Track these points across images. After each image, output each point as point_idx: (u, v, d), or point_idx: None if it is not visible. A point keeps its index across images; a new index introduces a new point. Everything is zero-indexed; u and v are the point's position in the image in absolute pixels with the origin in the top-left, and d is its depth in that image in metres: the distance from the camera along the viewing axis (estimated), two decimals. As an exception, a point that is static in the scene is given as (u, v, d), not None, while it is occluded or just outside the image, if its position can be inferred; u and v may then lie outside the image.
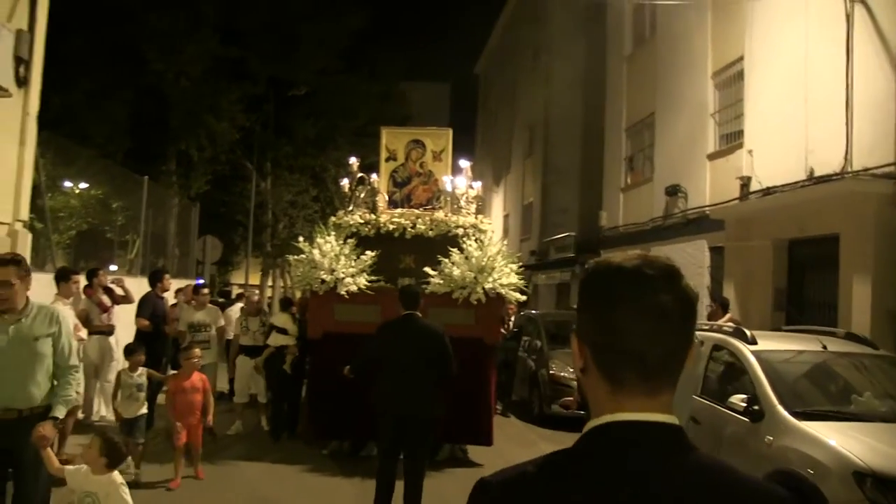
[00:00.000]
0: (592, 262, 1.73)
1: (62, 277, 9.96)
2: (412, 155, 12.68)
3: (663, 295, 1.55)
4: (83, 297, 11.19)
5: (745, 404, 7.11)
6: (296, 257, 11.52)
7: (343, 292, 10.83)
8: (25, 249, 9.54)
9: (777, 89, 14.94)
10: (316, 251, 11.11)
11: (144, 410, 9.19)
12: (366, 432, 10.15)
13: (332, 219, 12.17)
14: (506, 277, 10.89)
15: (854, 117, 12.50)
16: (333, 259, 11.00)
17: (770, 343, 8.10)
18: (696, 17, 18.56)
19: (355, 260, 11.10)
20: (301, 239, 11.87)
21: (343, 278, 10.86)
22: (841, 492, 5.72)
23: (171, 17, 26.17)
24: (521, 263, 11.72)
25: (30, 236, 9.87)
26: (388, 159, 12.72)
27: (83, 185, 22.21)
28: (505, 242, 12.48)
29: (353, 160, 12.55)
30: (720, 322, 11.25)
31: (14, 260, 5.63)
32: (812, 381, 7.71)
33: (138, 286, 13.03)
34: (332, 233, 11.59)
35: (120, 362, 10.95)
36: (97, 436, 5.55)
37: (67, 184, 21.60)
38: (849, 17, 12.65)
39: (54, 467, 5.40)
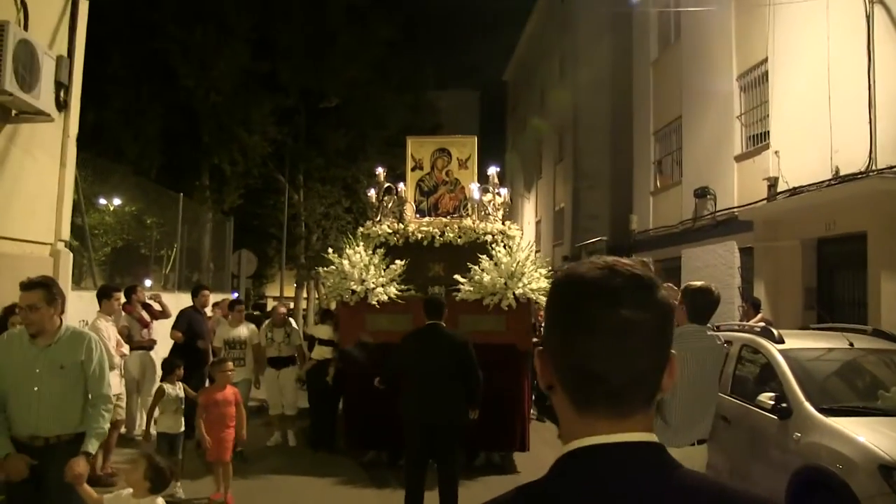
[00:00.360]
0: (558, 270, 1.58)
1: (104, 295, 10.08)
2: (438, 163, 12.73)
3: (628, 310, 1.42)
4: (122, 313, 11.29)
5: (773, 402, 7.23)
6: (326, 269, 11.60)
7: (374, 302, 10.89)
8: (67, 268, 9.84)
9: (801, 90, 15.07)
10: (346, 262, 11.18)
11: (182, 427, 9.08)
12: (403, 442, 10.06)
13: (361, 229, 12.25)
14: (536, 282, 10.88)
15: (877, 116, 12.63)
16: (363, 269, 11.05)
17: (797, 342, 8.21)
18: (720, 20, 18.69)
19: (385, 270, 11.15)
20: (330, 250, 12.00)
21: (373, 288, 10.91)
22: (868, 485, 5.84)
23: (201, 32, 26.38)
24: (550, 268, 11.73)
25: (71, 256, 10.11)
26: (414, 168, 12.79)
27: (117, 202, 22.39)
28: (534, 247, 12.35)
29: (380, 170, 12.62)
30: (752, 322, 11.40)
31: (42, 283, 5.51)
32: (839, 378, 7.83)
33: (175, 301, 13.32)
34: (361, 243, 11.64)
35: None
36: (143, 458, 5.45)
37: (102, 201, 21.88)
38: (868, 18, 12.79)
39: (93, 500, 5.28)
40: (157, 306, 12.62)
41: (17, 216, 8.65)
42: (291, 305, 38.01)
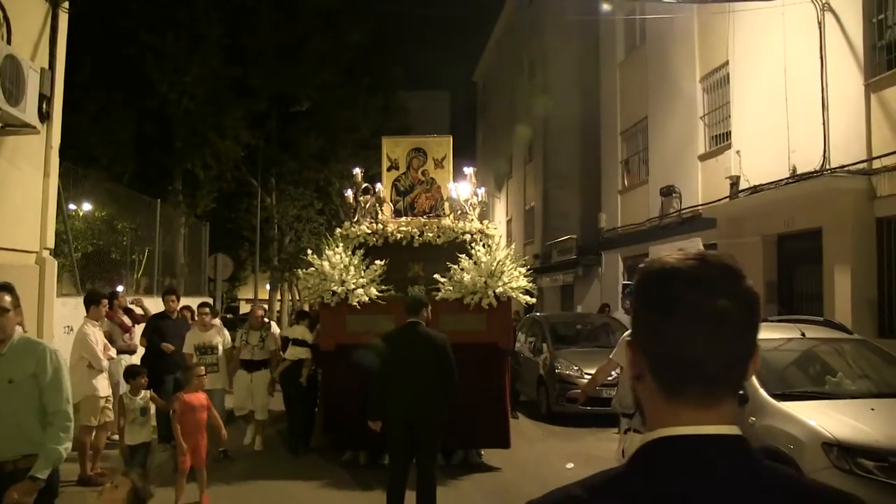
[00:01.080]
0: (645, 263, 1.63)
1: (91, 301, 10.25)
2: (413, 163, 12.67)
3: (723, 299, 1.45)
4: (105, 319, 11.17)
5: (730, 390, 7.69)
6: (305, 271, 11.52)
7: (355, 303, 10.83)
8: (52, 276, 10.10)
9: (760, 92, 15.68)
10: (325, 263, 11.11)
11: (149, 437, 8.80)
12: (383, 442, 9.45)
13: (339, 230, 12.08)
14: (515, 281, 10.91)
15: (830, 118, 13.29)
16: (343, 270, 11.00)
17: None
18: (683, 24, 19.25)
19: (364, 270, 11.10)
20: (310, 252, 11.98)
21: (354, 289, 10.86)
22: (814, 461, 6.33)
23: (173, 38, 26.50)
24: (528, 266, 11.87)
25: (56, 263, 10.37)
26: (389, 168, 12.72)
27: (87, 207, 22.31)
28: (512, 246, 12.52)
29: (358, 171, 12.51)
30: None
31: (7, 287, 5.07)
32: (791, 366, 8.30)
33: (153, 306, 13.52)
34: (341, 244, 11.57)
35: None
36: (127, 479, 4.88)
37: (72, 206, 21.91)
38: (820, 25, 13.43)
39: None
40: (139, 310, 12.58)
41: (2, 226, 8.88)
42: (266, 307, 38.35)
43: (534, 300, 12.33)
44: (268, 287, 39.20)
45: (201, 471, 8.63)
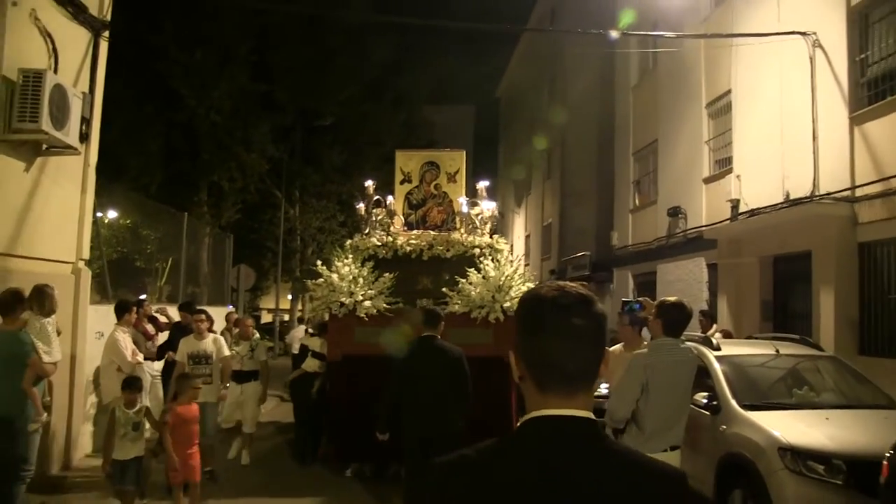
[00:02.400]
0: (526, 293, 2.07)
1: (123, 309, 10.76)
2: (426, 177, 12.72)
3: (577, 319, 1.87)
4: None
5: (706, 400, 8.39)
6: (315, 281, 11.45)
7: (362, 315, 10.84)
8: (87, 285, 10.92)
9: (758, 120, 16.42)
10: (334, 275, 11.11)
11: (140, 452, 8.19)
12: (389, 453, 9.74)
13: (349, 242, 12.14)
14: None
15: (819, 148, 14.02)
16: (352, 282, 11.01)
17: (731, 349, 9.41)
18: (691, 51, 19.88)
19: (373, 282, 11.12)
20: (319, 262, 11.98)
21: (362, 301, 10.87)
22: (771, 464, 7.02)
23: (202, 55, 27.22)
24: (538, 282, 11.40)
25: (90, 273, 11.16)
26: (402, 181, 12.77)
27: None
28: (521, 260, 12.67)
29: (369, 183, 12.49)
30: (709, 333, 12.58)
31: None
32: (762, 379, 8.97)
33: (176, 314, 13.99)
34: (350, 255, 11.58)
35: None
36: None
37: (97, 214, 22.39)
38: (811, 60, 14.16)
39: None
40: (163, 319, 12.95)
41: (44, 238, 9.70)
42: (286, 317, 39.08)
43: None
44: (290, 297, 39.86)
45: (195, 485, 8.39)
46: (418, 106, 41.79)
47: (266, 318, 50.48)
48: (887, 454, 5.87)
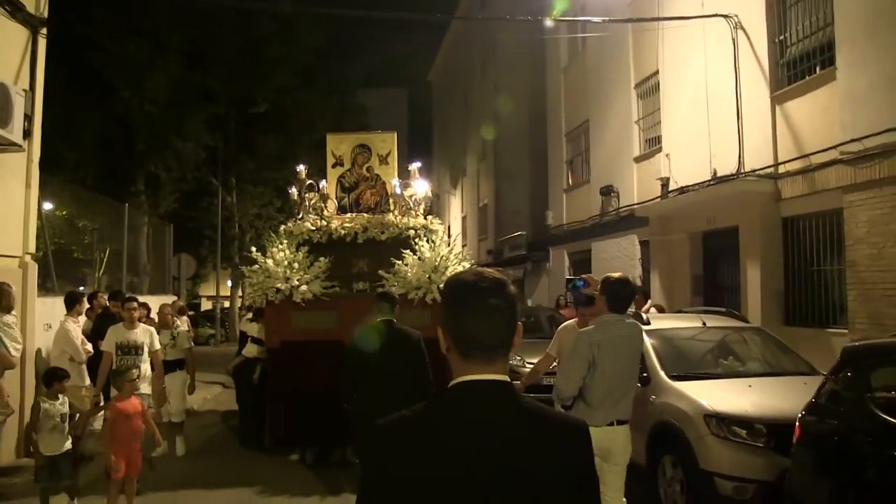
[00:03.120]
0: (449, 279, 2.33)
1: (73, 300, 10.92)
2: (358, 160, 12.59)
3: (493, 299, 2.15)
4: (83, 317, 11.70)
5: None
6: (250, 268, 11.31)
7: (299, 300, 10.74)
8: (33, 278, 11.08)
9: (685, 100, 16.97)
10: (269, 260, 11.00)
11: (69, 445, 8.00)
12: (332, 438, 10.17)
13: (283, 227, 12.00)
14: None
15: (744, 126, 14.58)
16: (287, 268, 10.90)
17: (661, 323, 9.85)
18: (618, 33, 20.36)
19: (309, 267, 11.01)
20: (254, 249, 11.76)
21: (298, 286, 10.76)
22: (697, 429, 7.45)
23: (135, 46, 27.12)
24: (473, 262, 12.03)
25: (36, 266, 11.31)
26: (334, 165, 12.62)
27: (47, 206, 22.58)
28: (455, 241, 12.44)
29: (301, 168, 12.33)
30: (643, 309, 13.04)
31: None
32: (689, 351, 9.42)
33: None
34: (285, 241, 11.47)
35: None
36: None
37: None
38: (734, 41, 14.70)
39: None
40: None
41: (-8, 234, 9.90)
42: (227, 304, 39.14)
43: None
44: (229, 284, 39.88)
45: (132, 481, 8.00)
46: (351, 91, 41.84)
47: (206, 305, 50.36)
48: (799, 415, 6.31)
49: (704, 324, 9.77)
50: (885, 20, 11.10)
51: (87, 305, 11.85)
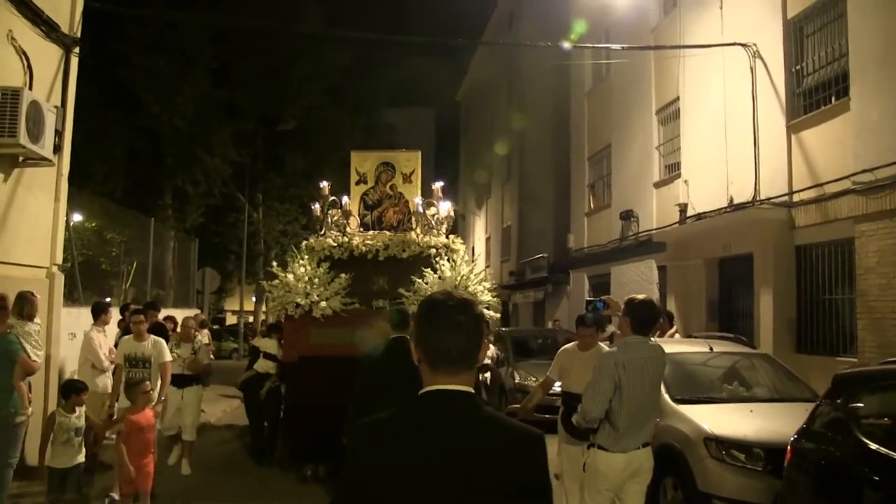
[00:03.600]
0: (424, 299, 2.58)
1: (99, 310, 11.20)
2: (382, 177, 12.65)
3: (459, 316, 2.40)
4: (109, 327, 11.81)
5: (644, 395, 9.03)
6: (271, 283, 11.44)
7: (318, 315, 10.81)
8: (60, 288, 11.36)
9: (704, 127, 17.19)
10: (290, 275, 11.09)
11: (81, 459, 7.94)
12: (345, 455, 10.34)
13: (305, 243, 12.02)
14: (480, 296, 11.02)
15: (760, 154, 14.77)
16: (308, 283, 10.99)
17: (669, 347, 9.95)
18: (641, 59, 20.56)
19: (329, 283, 11.05)
20: (275, 264, 11.97)
21: (318, 302, 10.83)
22: (697, 452, 7.61)
23: (165, 62, 27.55)
24: (493, 282, 12.02)
25: (63, 277, 11.60)
26: (358, 182, 12.68)
27: (77, 218, 22.81)
28: (475, 261, 12.59)
29: (325, 184, 12.35)
30: (667, 334, 13.15)
31: None
32: (694, 375, 9.55)
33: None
34: (306, 256, 11.52)
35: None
36: None
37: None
38: (752, 70, 14.88)
39: None
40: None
41: (20, 245, 10.11)
42: (251, 319, 39.47)
43: (497, 315, 12.11)
44: (253, 299, 40.20)
45: (145, 496, 7.94)
46: (378, 110, 42.17)
47: (231, 319, 50.74)
48: (791, 439, 6.47)
49: (711, 349, 9.92)
50: (897, 52, 11.30)
51: (113, 316, 12.02)
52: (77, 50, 11.52)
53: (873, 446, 5.49)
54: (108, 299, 17.16)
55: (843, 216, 12.44)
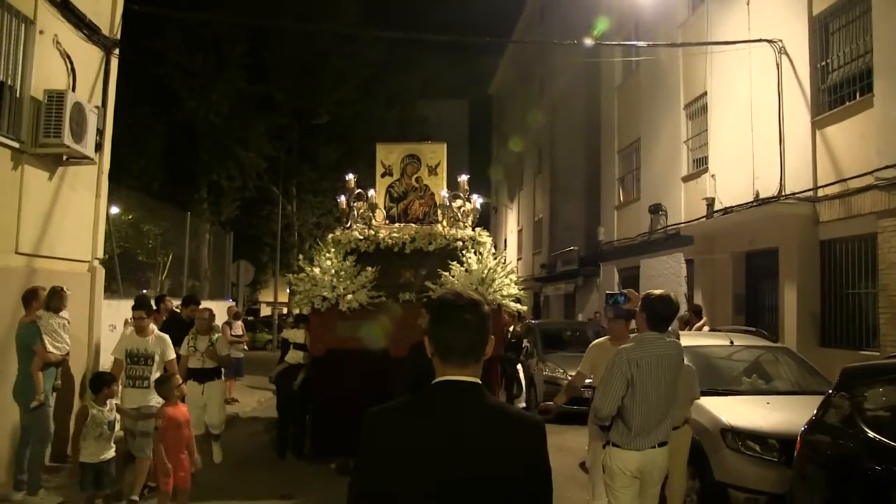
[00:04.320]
0: (435, 298, 2.77)
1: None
2: (408, 170, 12.61)
3: (468, 314, 2.56)
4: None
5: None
6: (297, 276, 11.44)
7: (345, 309, 10.80)
8: (100, 282, 11.77)
9: (731, 122, 17.36)
10: (316, 269, 11.08)
11: (112, 453, 7.82)
12: None
13: (331, 236, 11.94)
14: (507, 289, 10.94)
15: (786, 149, 14.92)
16: (334, 276, 10.96)
17: (689, 340, 10.10)
18: (670, 54, 20.76)
19: (356, 276, 11.03)
20: (301, 257, 11.99)
21: (344, 295, 10.81)
22: (714, 443, 7.87)
23: (201, 59, 28.03)
24: (519, 275, 12.04)
25: (103, 271, 12.01)
26: (383, 174, 12.65)
27: (114, 210, 23.08)
28: (504, 253, 12.65)
29: (350, 176, 12.23)
30: (695, 327, 13.36)
31: None
32: (715, 368, 9.75)
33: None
34: (332, 249, 11.47)
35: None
36: None
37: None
38: (778, 66, 15.04)
39: None
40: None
41: (63, 240, 10.55)
42: (284, 310, 39.93)
43: (524, 308, 12.40)
44: (287, 290, 40.59)
45: (184, 492, 7.89)
46: (412, 102, 42.43)
47: (265, 311, 51.30)
48: (802, 429, 6.70)
49: (732, 342, 10.15)
50: (921, 49, 11.45)
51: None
52: (117, 51, 11.90)
53: (877, 437, 5.73)
54: (144, 291, 17.48)
55: (867, 211, 12.61)
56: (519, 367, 16.82)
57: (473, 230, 11.72)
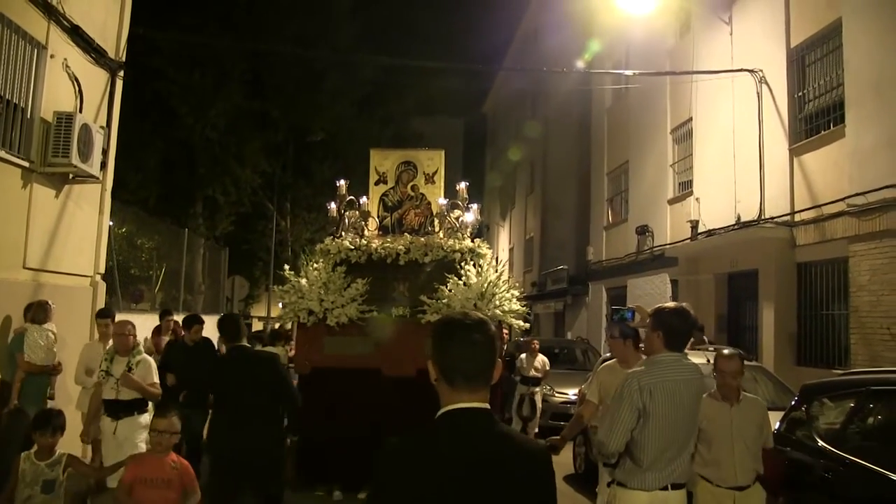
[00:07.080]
0: (440, 318, 2.65)
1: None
2: (403, 177, 11.74)
3: (475, 335, 2.46)
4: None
5: (643, 404, 9.61)
6: (282, 287, 10.67)
7: (333, 323, 10.01)
8: (102, 296, 12.17)
9: (715, 147, 17.88)
10: (303, 280, 10.34)
11: None
12: (361, 476, 8.90)
13: (320, 245, 11.20)
14: (508, 304, 10.18)
15: (765, 175, 15.43)
16: (322, 288, 10.19)
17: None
18: (658, 79, 21.23)
19: (345, 289, 10.20)
20: (287, 267, 11.04)
21: (332, 309, 10.03)
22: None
23: (199, 75, 28.36)
24: (521, 289, 11.19)
25: (105, 285, 12.40)
26: (377, 182, 11.76)
27: (108, 223, 23.24)
28: (503, 267, 11.38)
29: (342, 183, 11.54)
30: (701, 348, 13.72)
31: None
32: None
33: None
34: (321, 259, 10.80)
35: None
36: None
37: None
38: (759, 95, 15.58)
39: None
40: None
41: (68, 255, 10.95)
42: (277, 325, 40.17)
43: (527, 325, 11.31)
44: (280, 305, 40.82)
45: None
46: (407, 119, 42.81)
47: (256, 325, 51.48)
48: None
49: (709, 360, 10.56)
50: (889, 82, 12.02)
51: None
52: (122, 73, 12.35)
53: (826, 447, 6.20)
54: (133, 305, 17.75)
55: (839, 236, 13.15)
56: (537, 389, 16.05)
57: (473, 241, 10.93)
